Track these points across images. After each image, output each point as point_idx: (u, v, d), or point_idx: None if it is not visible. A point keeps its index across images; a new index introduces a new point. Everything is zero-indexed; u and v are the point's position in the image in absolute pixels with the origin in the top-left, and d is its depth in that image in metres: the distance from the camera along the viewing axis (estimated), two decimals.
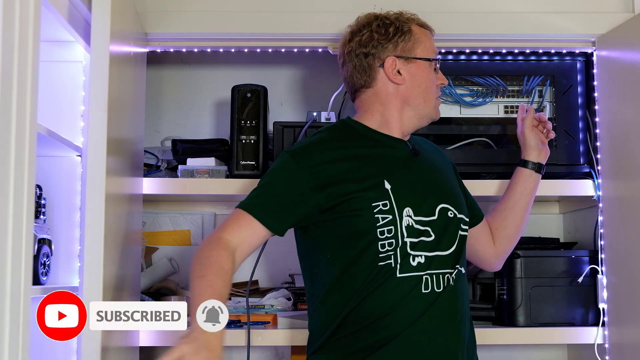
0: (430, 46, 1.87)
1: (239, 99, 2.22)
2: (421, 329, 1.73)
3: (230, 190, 2.19)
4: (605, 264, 2.16)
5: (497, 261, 2.04)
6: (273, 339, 2.13)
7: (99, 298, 1.56)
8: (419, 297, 1.73)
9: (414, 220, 1.74)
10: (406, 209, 1.74)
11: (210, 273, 1.60)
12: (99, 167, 1.60)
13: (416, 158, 1.84)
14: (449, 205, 1.79)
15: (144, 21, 2.16)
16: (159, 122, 2.59)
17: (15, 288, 1.34)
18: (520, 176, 2.04)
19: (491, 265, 2.05)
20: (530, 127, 2.06)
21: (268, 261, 2.53)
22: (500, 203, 2.04)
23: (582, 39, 2.23)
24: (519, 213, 2.02)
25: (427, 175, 1.84)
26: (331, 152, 1.77)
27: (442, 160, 1.95)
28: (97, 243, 1.58)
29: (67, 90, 2.02)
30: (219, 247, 1.66)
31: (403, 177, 1.79)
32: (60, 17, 1.70)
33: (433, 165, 1.88)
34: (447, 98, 2.27)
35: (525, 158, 2.05)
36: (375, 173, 1.77)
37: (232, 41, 2.24)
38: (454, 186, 1.90)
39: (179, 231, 2.54)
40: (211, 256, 1.64)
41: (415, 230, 1.74)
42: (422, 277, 1.73)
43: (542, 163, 2.05)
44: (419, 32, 1.86)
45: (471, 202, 1.97)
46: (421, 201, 1.76)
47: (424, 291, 1.73)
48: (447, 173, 1.92)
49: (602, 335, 2.16)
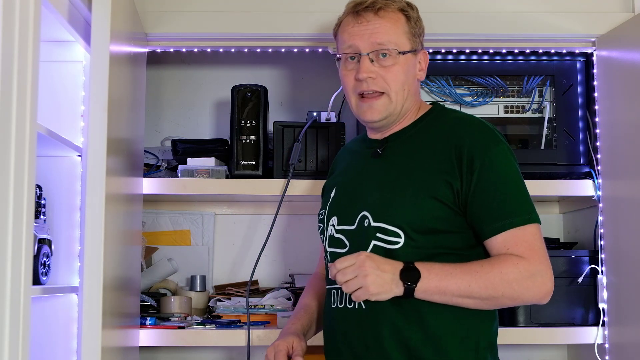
0: (343, 40, 1.71)
1: (239, 99, 2.22)
2: (328, 347, 1.73)
3: (230, 190, 2.19)
4: (605, 264, 2.16)
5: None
6: (273, 339, 2.11)
7: (99, 298, 1.56)
8: (328, 313, 1.73)
9: (336, 229, 1.70)
10: (332, 218, 1.73)
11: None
12: (99, 167, 1.60)
13: (376, 160, 1.72)
14: (368, 213, 1.63)
15: (144, 21, 2.16)
16: (159, 122, 2.59)
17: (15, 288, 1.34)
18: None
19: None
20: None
21: (268, 261, 2.53)
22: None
23: (582, 39, 2.23)
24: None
25: (371, 179, 1.69)
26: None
27: (426, 152, 1.65)
28: (97, 243, 1.58)
29: (67, 90, 2.02)
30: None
31: (348, 183, 1.76)
32: (60, 17, 1.70)
33: (393, 166, 1.68)
34: (447, 98, 2.27)
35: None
36: (332, 183, 1.81)
37: (232, 41, 2.24)
38: (401, 189, 1.63)
39: (179, 231, 2.54)
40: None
41: (335, 240, 1.70)
42: (331, 291, 1.70)
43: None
44: (343, 25, 1.73)
45: (480, 211, 1.59)
46: (348, 209, 1.69)
47: (332, 306, 1.70)
48: (414, 171, 1.64)
49: (602, 335, 2.16)
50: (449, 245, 1.60)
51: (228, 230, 2.56)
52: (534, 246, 1.56)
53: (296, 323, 1.80)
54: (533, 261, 1.54)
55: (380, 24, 1.68)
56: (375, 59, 1.67)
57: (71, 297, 1.97)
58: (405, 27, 1.70)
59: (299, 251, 2.55)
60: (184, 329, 2.14)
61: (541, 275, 1.55)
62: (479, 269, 1.54)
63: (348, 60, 1.71)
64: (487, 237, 1.58)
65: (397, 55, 1.67)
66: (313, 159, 2.21)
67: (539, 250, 1.56)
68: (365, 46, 1.67)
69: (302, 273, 2.46)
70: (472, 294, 1.53)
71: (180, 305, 2.26)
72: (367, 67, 1.67)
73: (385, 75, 1.67)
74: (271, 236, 2.14)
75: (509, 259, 1.54)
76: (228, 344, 2.15)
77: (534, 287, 1.54)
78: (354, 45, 1.69)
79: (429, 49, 2.24)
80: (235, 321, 2.23)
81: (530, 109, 2.28)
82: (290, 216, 2.55)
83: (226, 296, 2.35)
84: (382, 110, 1.68)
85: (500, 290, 1.53)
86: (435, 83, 2.27)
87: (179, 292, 2.38)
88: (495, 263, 1.55)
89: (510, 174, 1.61)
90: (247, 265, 2.51)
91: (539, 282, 1.54)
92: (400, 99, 1.69)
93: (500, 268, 1.53)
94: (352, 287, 1.53)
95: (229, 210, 2.57)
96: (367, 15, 1.68)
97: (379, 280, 1.52)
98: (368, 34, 1.67)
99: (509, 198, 1.58)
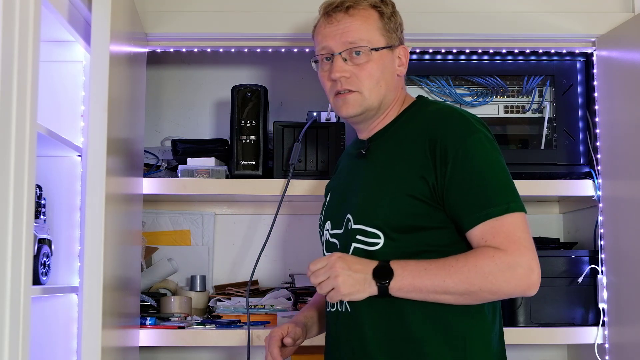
0: (318, 41, 1.72)
1: (239, 99, 2.22)
2: (325, 349, 1.75)
3: (230, 190, 2.19)
4: (605, 264, 2.16)
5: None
6: None
7: (99, 298, 1.56)
8: (326, 316, 1.75)
9: (330, 234, 1.71)
10: (327, 222, 1.75)
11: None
12: (99, 167, 1.60)
13: (361, 160, 1.71)
14: (351, 215, 1.64)
15: (144, 21, 2.16)
16: (159, 122, 2.59)
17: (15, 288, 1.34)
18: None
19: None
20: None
21: (268, 261, 2.53)
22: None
23: (582, 39, 2.23)
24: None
25: (357, 180, 1.69)
26: None
27: (404, 148, 1.63)
28: (97, 243, 1.58)
29: (67, 90, 2.02)
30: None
31: (339, 186, 1.77)
32: (60, 17, 1.70)
33: (375, 165, 1.67)
34: (447, 98, 2.27)
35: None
36: (329, 188, 1.82)
37: (232, 41, 2.24)
38: (380, 189, 1.62)
39: (179, 231, 2.54)
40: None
41: (330, 244, 1.71)
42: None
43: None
44: (317, 27, 1.74)
45: (456, 205, 1.55)
46: (338, 213, 1.70)
47: (327, 310, 1.72)
48: (392, 168, 1.62)
49: (602, 335, 2.16)
50: (432, 242, 1.56)
51: (228, 230, 2.56)
52: (513, 237, 1.50)
53: (299, 315, 1.84)
54: (511, 252, 1.49)
55: (351, 22, 1.67)
56: (348, 58, 1.67)
57: (71, 297, 1.97)
58: (378, 23, 1.68)
59: (299, 251, 2.55)
60: (184, 329, 2.14)
61: (522, 267, 1.48)
62: (453, 264, 1.51)
63: (324, 62, 1.71)
64: (465, 229, 1.54)
65: (370, 52, 1.66)
66: (313, 159, 2.21)
67: (518, 241, 1.50)
68: (337, 46, 1.67)
69: (302, 273, 2.46)
70: (448, 289, 1.50)
71: (180, 305, 2.26)
72: (340, 66, 1.66)
73: (359, 74, 1.66)
74: (271, 236, 2.14)
75: (485, 252, 1.50)
76: (228, 344, 2.15)
77: (513, 279, 1.49)
78: (327, 46, 1.69)
79: (429, 49, 2.25)
80: (235, 321, 2.23)
81: (530, 109, 2.28)
82: (290, 216, 2.55)
83: (226, 296, 2.35)
84: (356, 105, 1.67)
85: (477, 285, 1.49)
86: (435, 83, 2.27)
87: (179, 292, 2.38)
88: (471, 256, 1.51)
89: (487, 163, 1.55)
90: (247, 265, 2.51)
91: (519, 274, 1.49)
92: (376, 95, 1.67)
93: (475, 261, 1.49)
94: (325, 288, 1.54)
95: (229, 210, 2.57)
96: (338, 15, 1.68)
97: (350, 281, 1.52)
98: (339, 34, 1.67)
99: (485, 188, 1.53)
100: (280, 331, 1.73)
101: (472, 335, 1.58)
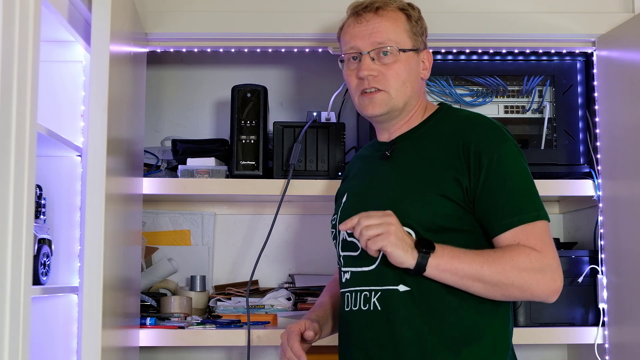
0: (345, 41, 1.75)
1: (239, 99, 2.22)
2: (341, 351, 1.72)
3: (230, 190, 2.19)
4: (605, 264, 2.16)
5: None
6: (273, 339, 2.12)
7: (99, 298, 1.56)
8: (342, 317, 1.72)
9: (348, 233, 1.68)
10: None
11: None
12: (99, 167, 1.60)
13: (385, 162, 1.72)
14: None
15: (144, 21, 2.16)
16: (159, 122, 2.59)
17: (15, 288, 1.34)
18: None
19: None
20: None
21: (268, 261, 2.53)
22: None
23: (582, 39, 2.23)
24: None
25: (381, 181, 1.70)
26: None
27: (435, 150, 1.65)
28: (97, 243, 1.58)
29: (67, 90, 2.02)
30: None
31: (358, 187, 1.76)
32: (60, 17, 1.70)
33: (401, 167, 1.68)
34: (447, 98, 2.27)
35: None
36: (344, 189, 1.81)
37: (232, 41, 2.24)
38: (409, 188, 1.63)
39: (179, 231, 2.54)
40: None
41: (348, 244, 1.69)
42: (345, 294, 1.69)
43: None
44: (345, 27, 1.77)
45: (488, 209, 1.58)
46: (359, 212, 1.63)
47: (346, 309, 1.69)
48: (422, 169, 1.64)
49: (602, 335, 2.16)
50: (459, 244, 1.57)
51: (228, 230, 2.56)
52: (545, 241, 1.56)
53: (311, 314, 1.82)
54: (545, 254, 1.54)
55: (380, 22, 1.70)
56: (376, 58, 1.69)
57: (71, 297, 1.97)
58: (406, 26, 1.72)
59: (299, 251, 2.55)
60: (184, 329, 2.14)
61: (552, 271, 1.54)
62: (492, 254, 1.54)
63: (351, 61, 1.74)
64: (496, 234, 1.57)
65: (397, 52, 1.69)
66: (313, 159, 2.21)
67: (549, 245, 1.56)
68: (366, 45, 1.70)
69: (302, 273, 2.46)
70: (483, 277, 1.51)
71: (180, 305, 2.26)
72: (368, 65, 1.69)
73: (386, 73, 1.69)
74: (271, 236, 2.14)
75: (521, 249, 1.54)
76: (228, 344, 2.15)
77: (543, 281, 1.53)
78: (355, 45, 1.72)
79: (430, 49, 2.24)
80: (235, 321, 2.23)
81: (530, 109, 2.28)
82: (290, 216, 2.55)
83: (226, 296, 2.35)
84: (383, 104, 1.69)
85: (510, 278, 1.51)
86: (435, 83, 2.27)
87: (179, 292, 2.38)
88: (508, 251, 1.54)
89: (519, 171, 1.60)
90: (247, 265, 2.51)
91: (549, 277, 1.53)
92: (402, 96, 1.70)
93: (512, 255, 1.52)
94: (375, 244, 1.50)
95: (229, 210, 2.57)
96: (367, 15, 1.71)
97: (401, 235, 1.51)
98: (368, 34, 1.70)
99: (517, 195, 1.57)
100: (299, 326, 1.70)
101: (500, 336, 1.62)
